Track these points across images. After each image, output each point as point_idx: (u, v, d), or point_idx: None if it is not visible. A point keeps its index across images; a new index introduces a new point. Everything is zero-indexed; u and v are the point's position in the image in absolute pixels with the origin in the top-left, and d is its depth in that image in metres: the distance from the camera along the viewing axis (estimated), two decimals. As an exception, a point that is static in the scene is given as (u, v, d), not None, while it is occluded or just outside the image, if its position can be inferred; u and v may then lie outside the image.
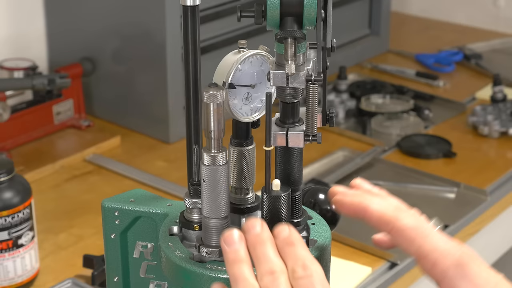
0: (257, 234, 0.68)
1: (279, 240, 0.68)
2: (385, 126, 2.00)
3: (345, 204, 0.74)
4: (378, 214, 0.72)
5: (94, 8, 1.92)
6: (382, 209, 0.72)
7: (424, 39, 2.61)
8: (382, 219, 0.72)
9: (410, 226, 0.71)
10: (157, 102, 1.88)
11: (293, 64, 0.70)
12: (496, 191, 1.74)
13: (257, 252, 0.68)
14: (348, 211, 0.74)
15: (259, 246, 0.68)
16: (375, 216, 0.72)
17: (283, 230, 0.69)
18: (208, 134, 0.71)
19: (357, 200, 0.74)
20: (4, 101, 1.77)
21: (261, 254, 0.67)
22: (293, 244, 0.68)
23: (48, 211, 1.61)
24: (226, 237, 0.68)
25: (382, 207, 0.73)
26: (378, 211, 0.72)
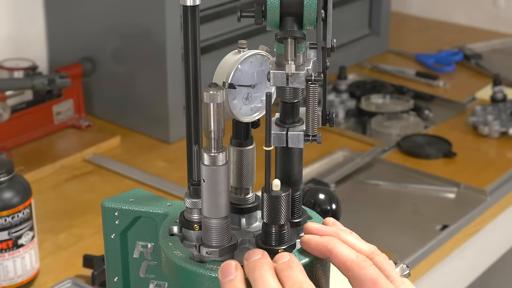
0: (256, 260, 0.70)
1: (279, 264, 0.70)
2: (385, 126, 2.00)
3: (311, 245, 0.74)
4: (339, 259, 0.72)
5: (94, 8, 1.92)
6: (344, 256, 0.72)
7: (424, 39, 2.61)
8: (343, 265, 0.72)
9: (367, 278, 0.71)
10: (157, 102, 1.88)
11: (293, 64, 0.70)
12: (496, 191, 1.74)
13: (255, 275, 0.69)
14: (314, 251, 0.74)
15: (258, 269, 0.69)
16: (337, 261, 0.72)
17: (284, 256, 0.71)
18: (208, 134, 0.71)
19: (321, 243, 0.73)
20: (4, 101, 1.77)
21: (259, 276, 0.69)
22: (292, 267, 0.69)
23: (48, 211, 1.61)
24: (223, 268, 0.70)
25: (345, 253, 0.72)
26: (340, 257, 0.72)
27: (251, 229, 0.78)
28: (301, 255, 0.73)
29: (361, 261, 0.71)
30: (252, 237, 0.76)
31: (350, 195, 1.72)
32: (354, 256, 0.72)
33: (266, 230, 0.73)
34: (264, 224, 0.74)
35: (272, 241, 0.73)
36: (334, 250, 0.72)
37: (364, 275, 0.71)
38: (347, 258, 0.72)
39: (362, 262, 0.71)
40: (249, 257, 0.71)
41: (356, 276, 0.71)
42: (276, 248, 0.73)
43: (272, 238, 0.73)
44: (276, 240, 0.73)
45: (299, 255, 0.73)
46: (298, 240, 0.75)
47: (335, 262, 0.72)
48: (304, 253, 0.74)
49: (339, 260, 0.72)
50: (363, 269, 0.71)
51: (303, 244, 0.74)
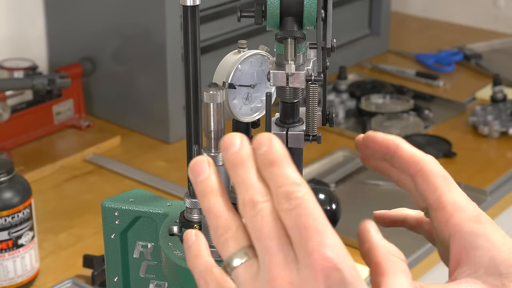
0: (234, 153, 0.57)
1: (257, 157, 0.57)
2: (385, 126, 2.00)
3: (377, 139, 0.72)
4: (410, 152, 0.70)
5: (94, 8, 1.92)
6: (413, 150, 0.71)
7: (424, 39, 2.61)
8: (412, 158, 0.70)
9: (437, 173, 0.70)
10: (157, 102, 1.88)
11: (293, 64, 0.70)
12: (496, 191, 1.74)
13: (235, 177, 0.57)
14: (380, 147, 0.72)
15: (238, 169, 0.57)
16: (406, 153, 0.70)
17: (262, 143, 0.56)
18: (208, 134, 0.71)
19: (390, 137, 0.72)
20: (4, 101, 1.77)
21: (240, 179, 0.57)
22: (272, 163, 0.56)
23: (48, 211, 1.61)
24: (193, 166, 0.58)
25: (414, 149, 0.71)
26: (411, 150, 0.70)
27: (251, 229, 0.78)
28: None
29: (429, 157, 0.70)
30: (252, 237, 0.76)
31: (350, 195, 1.72)
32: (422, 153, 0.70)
33: (266, 230, 0.73)
34: (264, 224, 0.73)
35: (272, 241, 0.73)
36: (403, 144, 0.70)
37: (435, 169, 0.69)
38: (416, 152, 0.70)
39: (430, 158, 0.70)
40: (225, 147, 0.57)
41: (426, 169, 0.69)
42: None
43: (272, 238, 0.73)
44: (276, 240, 0.73)
45: None
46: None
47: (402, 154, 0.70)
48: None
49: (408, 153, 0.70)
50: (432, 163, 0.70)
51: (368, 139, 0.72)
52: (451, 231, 0.68)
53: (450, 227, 0.68)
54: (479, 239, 0.67)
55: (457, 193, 0.70)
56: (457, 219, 0.68)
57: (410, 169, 0.71)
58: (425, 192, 0.70)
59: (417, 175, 0.70)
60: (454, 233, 0.68)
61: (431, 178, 0.70)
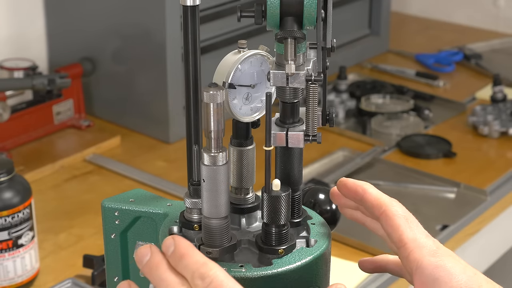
0: (148, 261, 0.67)
1: (169, 257, 0.67)
2: (385, 126, 2.00)
3: (348, 184, 0.79)
4: (375, 195, 0.77)
5: (94, 8, 1.92)
6: (379, 194, 0.77)
7: (424, 39, 2.61)
8: (377, 201, 0.77)
9: (398, 214, 0.75)
10: (157, 102, 1.88)
11: (293, 64, 0.70)
12: (496, 191, 1.74)
13: (153, 279, 0.67)
14: (349, 191, 0.78)
15: (154, 272, 0.67)
16: (372, 197, 0.77)
17: (169, 245, 0.67)
18: (208, 134, 0.71)
19: (358, 183, 0.78)
20: (4, 101, 1.77)
21: (158, 278, 0.66)
22: (182, 256, 0.66)
23: (48, 211, 1.61)
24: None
25: (380, 193, 0.78)
26: (376, 194, 0.77)
27: (251, 229, 0.78)
28: (301, 255, 0.73)
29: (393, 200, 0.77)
30: (252, 237, 0.76)
31: (350, 195, 1.72)
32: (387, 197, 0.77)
33: (266, 230, 0.73)
34: (264, 224, 0.74)
35: (272, 241, 0.73)
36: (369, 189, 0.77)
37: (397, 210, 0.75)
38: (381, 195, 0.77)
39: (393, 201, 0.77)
40: (140, 260, 0.68)
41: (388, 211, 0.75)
42: (276, 248, 0.73)
43: (272, 238, 0.73)
44: (276, 240, 0.73)
45: (299, 255, 0.73)
46: (298, 240, 0.75)
47: (368, 198, 0.77)
48: (303, 253, 0.74)
49: (374, 197, 0.77)
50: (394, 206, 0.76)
51: (340, 184, 0.79)
52: (412, 266, 0.73)
53: (411, 262, 0.73)
54: (437, 271, 0.72)
55: (417, 231, 0.75)
56: (417, 254, 0.73)
57: (375, 211, 0.77)
58: (388, 232, 0.76)
59: (381, 216, 0.76)
60: (415, 268, 0.73)
61: (393, 218, 0.75)
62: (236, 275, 0.71)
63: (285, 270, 0.72)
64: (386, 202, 0.77)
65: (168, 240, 0.67)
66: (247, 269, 0.71)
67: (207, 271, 0.65)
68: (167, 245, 0.67)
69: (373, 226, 0.82)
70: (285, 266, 0.72)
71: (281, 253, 0.73)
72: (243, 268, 0.71)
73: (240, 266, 0.72)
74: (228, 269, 0.71)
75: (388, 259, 0.84)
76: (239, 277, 0.71)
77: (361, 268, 0.86)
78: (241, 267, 0.71)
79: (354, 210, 0.83)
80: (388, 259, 0.84)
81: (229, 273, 0.70)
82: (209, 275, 0.65)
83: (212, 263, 0.66)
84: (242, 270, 0.71)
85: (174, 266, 0.66)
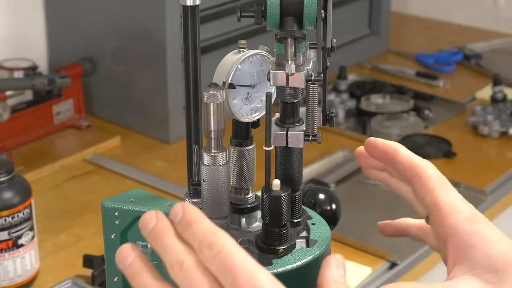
0: (153, 228, 0.62)
1: (177, 225, 0.62)
2: (385, 126, 2.00)
3: (377, 144, 0.76)
4: (407, 157, 0.75)
5: (94, 8, 1.92)
6: (411, 155, 0.75)
7: (424, 39, 2.61)
8: (410, 162, 0.75)
9: (433, 176, 0.74)
10: (157, 102, 1.88)
11: (293, 64, 0.70)
12: (496, 191, 1.74)
13: (157, 247, 0.62)
14: (379, 152, 0.76)
15: (159, 239, 0.62)
16: (404, 158, 0.75)
17: (177, 212, 0.62)
18: (208, 134, 0.71)
19: (389, 143, 0.76)
20: (4, 101, 1.77)
21: (163, 247, 0.62)
22: (191, 223, 0.61)
23: (48, 211, 1.61)
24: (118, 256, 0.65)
25: (412, 154, 0.75)
26: (408, 155, 0.75)
27: (251, 229, 0.78)
28: (301, 255, 0.73)
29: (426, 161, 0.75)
30: (252, 237, 0.76)
31: (350, 195, 1.72)
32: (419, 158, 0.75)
33: (266, 230, 0.73)
34: (264, 224, 0.74)
35: (272, 241, 0.73)
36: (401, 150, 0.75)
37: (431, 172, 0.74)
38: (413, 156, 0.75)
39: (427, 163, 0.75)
40: (144, 226, 0.63)
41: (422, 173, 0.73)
42: (276, 248, 0.73)
43: (272, 238, 0.73)
44: (276, 240, 0.73)
45: (299, 255, 0.73)
46: (298, 240, 0.75)
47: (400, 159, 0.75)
48: (303, 253, 0.74)
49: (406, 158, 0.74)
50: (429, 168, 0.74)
51: (368, 144, 0.77)
52: (447, 232, 0.70)
53: (446, 228, 0.71)
54: (474, 238, 0.69)
55: (453, 195, 0.73)
56: (453, 219, 0.71)
57: (407, 173, 0.74)
58: (422, 195, 0.73)
59: (414, 178, 0.74)
60: (450, 233, 0.70)
61: (428, 181, 0.73)
62: (236, 275, 0.71)
63: (285, 270, 0.72)
64: (420, 163, 0.75)
65: (176, 207, 0.62)
66: (247, 269, 0.71)
67: (216, 240, 0.59)
68: (175, 211, 0.62)
69: (399, 188, 0.78)
70: (285, 266, 0.72)
71: (281, 253, 0.73)
72: None
73: None
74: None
75: (409, 223, 0.81)
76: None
77: (381, 231, 0.82)
78: None
79: (379, 171, 0.79)
80: (409, 222, 0.81)
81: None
82: (217, 244, 0.59)
83: (222, 232, 0.60)
84: (242, 270, 0.71)
85: (181, 234, 0.62)
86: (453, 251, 0.70)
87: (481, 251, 0.69)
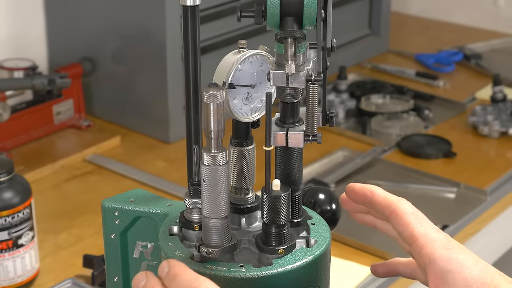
0: (144, 286, 0.70)
1: (164, 280, 0.69)
2: (385, 126, 2.00)
3: (356, 189, 0.81)
4: (383, 197, 0.79)
5: (94, 8, 1.92)
6: (386, 195, 0.79)
7: (424, 39, 2.61)
8: (386, 201, 0.79)
9: (408, 212, 0.77)
10: (157, 102, 1.88)
11: (293, 64, 0.70)
12: (496, 191, 1.74)
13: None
14: (358, 196, 0.81)
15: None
16: (380, 198, 0.79)
17: (164, 268, 0.70)
18: (208, 134, 0.71)
19: (366, 186, 0.81)
20: (4, 101, 1.77)
21: None
22: (176, 275, 0.68)
23: (48, 211, 1.61)
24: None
25: (387, 194, 0.80)
26: (384, 195, 0.79)
27: (251, 229, 0.78)
28: (301, 255, 0.73)
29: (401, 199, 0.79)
30: (252, 237, 0.76)
31: (350, 195, 1.72)
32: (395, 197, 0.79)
33: (266, 230, 0.73)
34: (264, 224, 0.74)
35: (272, 241, 0.73)
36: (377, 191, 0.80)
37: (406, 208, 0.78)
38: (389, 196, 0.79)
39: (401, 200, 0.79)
40: (136, 285, 0.71)
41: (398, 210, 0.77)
42: (276, 248, 0.73)
43: (272, 238, 0.73)
44: (276, 240, 0.73)
45: (299, 255, 0.73)
46: (298, 240, 0.75)
47: (377, 199, 0.79)
48: (303, 253, 0.74)
49: (382, 198, 0.79)
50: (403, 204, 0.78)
51: (348, 190, 0.82)
52: (425, 260, 0.75)
53: (424, 257, 0.75)
54: (450, 263, 0.73)
55: (427, 226, 0.77)
56: (429, 248, 0.75)
57: (384, 211, 0.79)
58: (399, 230, 0.77)
59: (391, 215, 0.78)
60: (428, 261, 0.74)
61: (403, 216, 0.77)
62: (236, 275, 0.71)
63: (285, 270, 0.72)
64: (395, 201, 0.78)
65: (163, 264, 0.70)
66: (247, 269, 0.71)
67: (199, 285, 0.67)
68: (162, 268, 0.70)
69: (384, 227, 0.84)
70: (285, 266, 0.72)
71: (281, 253, 0.73)
72: (243, 268, 0.71)
73: (240, 266, 0.72)
74: (228, 269, 0.71)
75: (399, 262, 0.86)
76: (239, 277, 0.71)
77: (373, 273, 0.87)
78: (241, 267, 0.71)
79: (365, 214, 0.85)
80: (399, 261, 0.86)
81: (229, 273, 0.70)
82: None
83: (203, 278, 0.68)
84: (242, 270, 0.71)
85: (169, 286, 0.69)
86: (433, 278, 0.74)
87: (457, 275, 0.73)
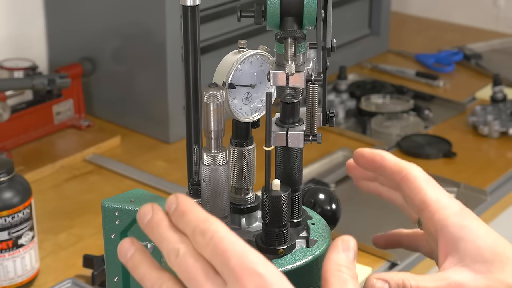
0: (149, 220, 0.65)
1: (172, 215, 0.65)
2: (385, 126, 2.00)
3: (364, 154, 0.79)
4: (393, 161, 0.78)
5: (94, 8, 1.92)
6: (397, 160, 0.78)
7: (424, 39, 2.61)
8: (396, 166, 0.78)
9: (420, 177, 0.76)
10: (157, 102, 1.88)
11: (293, 64, 0.70)
12: (496, 191, 1.74)
13: (154, 237, 0.65)
14: (367, 161, 0.79)
15: (154, 231, 0.65)
16: (391, 163, 0.78)
17: (171, 203, 0.65)
18: (208, 134, 0.71)
19: (376, 151, 0.80)
20: (4, 101, 1.77)
21: (159, 237, 0.64)
22: (184, 212, 0.64)
23: (48, 211, 1.61)
24: (119, 251, 0.68)
25: (398, 159, 0.79)
26: (394, 160, 0.78)
27: (251, 229, 0.78)
28: (301, 255, 0.73)
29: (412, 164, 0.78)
30: (252, 237, 0.76)
31: (350, 195, 1.72)
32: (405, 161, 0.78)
33: (266, 230, 0.73)
34: (264, 224, 0.74)
35: (272, 241, 0.73)
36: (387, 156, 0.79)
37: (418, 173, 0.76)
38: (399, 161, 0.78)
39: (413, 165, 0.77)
40: (141, 219, 0.66)
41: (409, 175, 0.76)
42: (276, 248, 0.73)
43: (272, 238, 0.73)
44: (276, 240, 0.73)
45: (299, 255, 0.73)
46: (298, 240, 0.75)
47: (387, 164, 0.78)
48: (303, 253, 0.74)
49: (393, 163, 0.78)
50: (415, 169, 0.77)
51: (356, 155, 0.80)
52: (437, 227, 0.73)
53: (435, 223, 0.73)
54: (463, 231, 0.72)
55: (440, 192, 0.75)
56: (442, 215, 0.73)
57: (395, 177, 0.77)
58: (410, 195, 0.76)
59: (402, 181, 0.77)
60: (440, 228, 0.73)
61: (415, 181, 0.76)
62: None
63: (285, 270, 0.72)
64: (406, 166, 0.77)
65: (171, 198, 0.65)
66: (247, 269, 0.71)
67: (208, 227, 0.62)
68: (170, 202, 0.65)
69: (389, 195, 0.82)
70: (285, 266, 0.72)
71: (281, 253, 0.73)
72: None
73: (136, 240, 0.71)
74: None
75: (401, 233, 0.84)
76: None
77: (374, 244, 0.85)
78: None
79: (369, 181, 0.83)
80: (402, 232, 0.84)
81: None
82: (209, 230, 0.62)
83: (214, 218, 0.63)
84: (242, 270, 0.71)
85: (176, 223, 0.64)
86: (443, 245, 0.72)
87: (470, 243, 0.71)
